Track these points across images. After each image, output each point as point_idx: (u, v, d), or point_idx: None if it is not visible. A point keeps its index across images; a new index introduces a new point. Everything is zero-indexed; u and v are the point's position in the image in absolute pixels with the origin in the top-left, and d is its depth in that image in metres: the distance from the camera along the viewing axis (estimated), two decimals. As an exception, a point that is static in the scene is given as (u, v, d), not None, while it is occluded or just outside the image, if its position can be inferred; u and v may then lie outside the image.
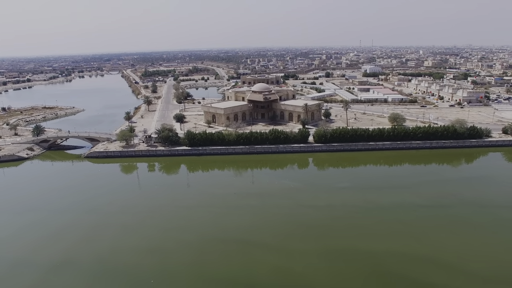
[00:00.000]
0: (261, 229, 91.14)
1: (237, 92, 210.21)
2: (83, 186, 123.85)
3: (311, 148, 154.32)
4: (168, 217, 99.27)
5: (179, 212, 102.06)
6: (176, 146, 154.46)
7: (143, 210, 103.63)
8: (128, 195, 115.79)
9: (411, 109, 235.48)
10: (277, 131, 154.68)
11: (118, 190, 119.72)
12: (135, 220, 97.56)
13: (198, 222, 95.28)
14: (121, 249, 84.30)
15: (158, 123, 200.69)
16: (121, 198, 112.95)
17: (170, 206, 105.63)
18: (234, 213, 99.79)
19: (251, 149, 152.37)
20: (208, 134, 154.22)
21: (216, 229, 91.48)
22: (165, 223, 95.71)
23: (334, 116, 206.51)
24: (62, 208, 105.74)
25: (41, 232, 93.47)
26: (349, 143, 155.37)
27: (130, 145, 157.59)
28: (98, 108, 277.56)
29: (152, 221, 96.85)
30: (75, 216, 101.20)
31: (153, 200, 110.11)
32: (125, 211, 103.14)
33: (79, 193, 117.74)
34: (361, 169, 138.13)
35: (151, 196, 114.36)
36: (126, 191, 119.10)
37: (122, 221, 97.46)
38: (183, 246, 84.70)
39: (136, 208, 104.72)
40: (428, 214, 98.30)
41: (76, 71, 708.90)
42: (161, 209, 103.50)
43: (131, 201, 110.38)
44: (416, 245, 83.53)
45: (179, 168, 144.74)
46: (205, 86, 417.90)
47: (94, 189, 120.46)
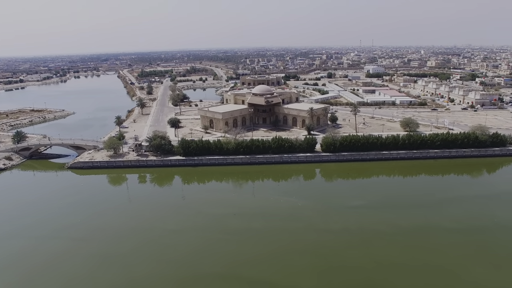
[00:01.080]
0: (267, 262, 76.52)
1: (237, 95, 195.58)
2: (58, 202, 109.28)
3: (319, 158, 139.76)
4: (155, 245, 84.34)
5: (169, 238, 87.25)
6: (169, 155, 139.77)
7: (124, 234, 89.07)
8: (110, 215, 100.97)
9: (421, 112, 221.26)
10: (281, 139, 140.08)
11: (100, 208, 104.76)
12: (112, 250, 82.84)
13: (191, 252, 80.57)
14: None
15: (151, 129, 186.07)
16: (101, 219, 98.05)
17: (158, 229, 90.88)
18: (234, 240, 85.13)
19: (252, 159, 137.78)
20: (205, 142, 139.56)
21: (212, 262, 76.85)
22: (151, 253, 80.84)
23: (341, 121, 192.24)
24: (19, 231, 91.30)
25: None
26: (360, 152, 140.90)
27: (119, 154, 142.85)
28: (89, 111, 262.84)
29: (134, 250, 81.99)
30: (35, 241, 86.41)
31: (139, 222, 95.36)
32: (102, 236, 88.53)
33: (51, 210, 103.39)
34: (375, 183, 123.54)
35: (137, 216, 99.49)
36: (109, 210, 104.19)
37: (96, 249, 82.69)
38: (171, 285, 70.15)
39: (116, 233, 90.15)
40: (459, 240, 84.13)
41: (72, 71, 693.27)
42: (147, 234, 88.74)
43: (112, 222, 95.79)
44: (448, 281, 69.28)
45: (171, 181, 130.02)
46: (203, 87, 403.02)
47: (70, 206, 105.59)
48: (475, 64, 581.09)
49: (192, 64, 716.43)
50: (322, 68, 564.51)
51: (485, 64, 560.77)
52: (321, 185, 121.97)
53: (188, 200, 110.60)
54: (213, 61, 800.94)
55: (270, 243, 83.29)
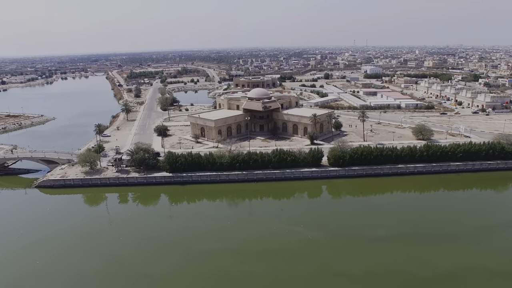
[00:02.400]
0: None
1: (231, 99, 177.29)
2: (15, 233, 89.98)
3: (326, 173, 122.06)
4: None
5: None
6: (153, 171, 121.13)
7: (87, 283, 70.44)
8: (73, 252, 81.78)
9: (430, 117, 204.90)
10: (282, 152, 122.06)
11: (60, 243, 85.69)
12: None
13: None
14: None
15: (136, 138, 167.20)
16: (58, 260, 79.04)
17: (134, 276, 72.38)
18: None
19: (249, 175, 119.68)
20: (195, 156, 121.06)
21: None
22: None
23: (347, 127, 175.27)
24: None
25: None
26: (372, 166, 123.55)
27: (96, 170, 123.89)
28: (71, 116, 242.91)
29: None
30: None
31: (109, 264, 76.57)
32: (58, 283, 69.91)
33: (5, 245, 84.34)
34: (393, 204, 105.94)
35: (108, 255, 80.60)
36: (72, 246, 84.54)
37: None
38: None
39: (76, 280, 71.41)
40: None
41: (59, 72, 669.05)
42: (118, 285, 70.28)
43: (74, 263, 76.88)
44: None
45: (155, 203, 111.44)
46: (194, 89, 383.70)
47: (23, 242, 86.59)
48: (473, 65, 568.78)
49: (184, 65, 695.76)
50: (317, 69, 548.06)
51: (484, 64, 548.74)
52: (332, 208, 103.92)
53: (173, 231, 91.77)
54: (205, 62, 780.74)
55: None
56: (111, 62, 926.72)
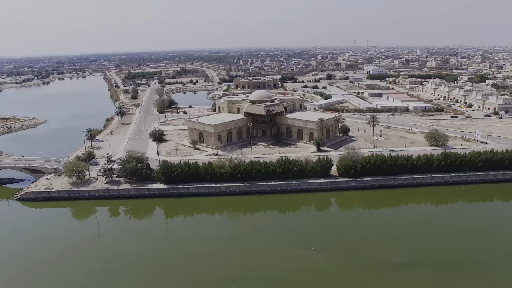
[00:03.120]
0: None
1: (231, 102, 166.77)
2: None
3: (335, 184, 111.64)
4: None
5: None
6: (147, 182, 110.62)
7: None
8: (48, 280, 71.69)
9: (441, 120, 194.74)
10: (288, 162, 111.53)
11: (36, 267, 75.55)
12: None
13: None
14: None
15: (130, 143, 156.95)
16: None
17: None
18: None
19: (252, 187, 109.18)
20: (192, 166, 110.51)
21: None
22: None
23: (357, 131, 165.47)
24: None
25: None
26: (386, 177, 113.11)
27: (84, 181, 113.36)
28: (64, 119, 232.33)
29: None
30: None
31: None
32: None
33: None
34: (412, 221, 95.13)
35: (91, 284, 70.38)
36: (48, 272, 74.66)
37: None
38: None
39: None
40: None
41: (56, 72, 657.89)
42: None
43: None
44: None
45: (148, 220, 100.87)
46: (193, 90, 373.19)
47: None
48: (476, 65, 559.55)
49: (183, 65, 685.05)
50: (319, 69, 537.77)
51: (488, 64, 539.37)
52: (344, 226, 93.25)
53: (168, 254, 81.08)
54: (204, 62, 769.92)
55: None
56: (109, 62, 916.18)
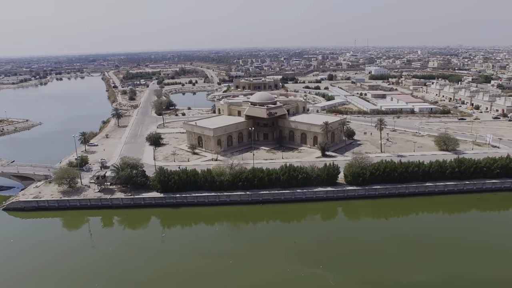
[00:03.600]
0: None
1: (232, 105, 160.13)
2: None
3: (343, 193, 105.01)
4: None
5: None
6: (142, 191, 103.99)
7: None
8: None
9: (448, 123, 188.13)
10: (292, 169, 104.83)
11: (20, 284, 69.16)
12: None
13: None
14: None
15: (126, 147, 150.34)
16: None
17: None
18: None
19: (254, 196, 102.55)
20: (190, 173, 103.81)
21: None
22: None
23: (363, 134, 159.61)
24: None
25: None
26: (396, 185, 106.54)
27: (76, 189, 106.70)
28: (60, 121, 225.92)
29: None
30: None
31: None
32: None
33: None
34: (427, 233, 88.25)
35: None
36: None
37: None
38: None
39: None
40: None
41: (54, 72, 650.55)
42: None
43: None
44: None
45: (142, 232, 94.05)
46: (192, 90, 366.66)
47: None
48: (479, 65, 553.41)
49: (182, 65, 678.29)
50: (320, 70, 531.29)
51: (491, 65, 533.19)
52: (354, 239, 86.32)
53: (164, 271, 74.44)
54: (204, 62, 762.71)
55: None
56: (108, 62, 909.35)
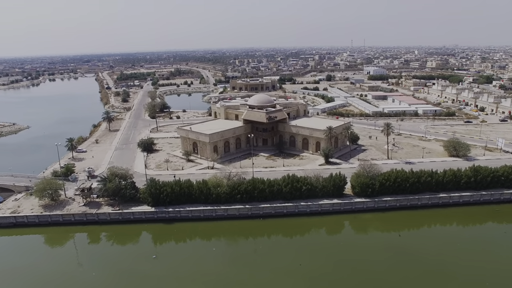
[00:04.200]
0: None
1: (229, 108, 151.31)
2: None
3: (350, 205, 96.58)
4: None
5: None
6: (132, 205, 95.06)
7: None
8: None
9: (455, 126, 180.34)
10: (295, 180, 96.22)
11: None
12: None
13: None
14: None
15: (116, 154, 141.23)
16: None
17: None
18: None
19: (254, 209, 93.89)
20: (184, 185, 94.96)
21: None
22: None
23: (368, 139, 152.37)
24: None
25: None
26: (408, 196, 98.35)
27: (59, 203, 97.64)
28: (49, 124, 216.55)
29: None
30: None
31: None
32: None
33: None
34: (442, 249, 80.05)
35: None
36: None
37: None
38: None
39: None
40: None
41: (47, 73, 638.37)
42: None
43: None
44: None
45: (132, 249, 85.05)
46: (188, 92, 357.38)
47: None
48: (477, 65, 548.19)
49: (178, 66, 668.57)
50: (318, 70, 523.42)
51: (489, 65, 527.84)
52: (365, 260, 77.61)
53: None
54: (200, 62, 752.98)
55: None
56: (103, 62, 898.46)
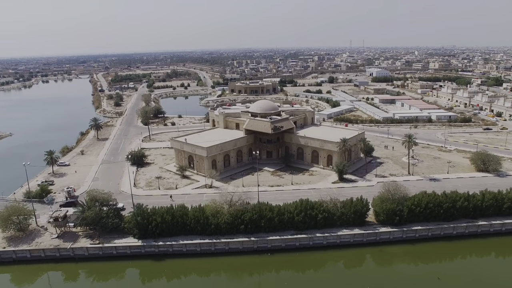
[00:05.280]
0: None
1: (228, 116, 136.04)
2: None
3: (374, 236, 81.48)
4: None
5: None
6: (114, 237, 79.66)
7: None
8: None
9: (473, 134, 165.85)
10: (310, 206, 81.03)
11: None
12: None
13: None
14: None
15: (103, 169, 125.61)
16: None
17: None
18: None
19: (260, 242, 78.64)
20: (176, 212, 79.59)
21: None
22: None
23: (384, 148, 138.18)
24: None
25: None
26: (441, 224, 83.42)
27: (28, 234, 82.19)
28: (34, 131, 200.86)
29: None
30: None
31: None
32: None
33: None
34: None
35: None
36: None
37: None
38: None
39: None
40: None
41: (40, 75, 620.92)
42: None
43: None
44: None
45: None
46: (184, 94, 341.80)
47: None
48: (482, 67, 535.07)
49: (175, 67, 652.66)
50: (318, 71, 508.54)
51: (494, 66, 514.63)
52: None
53: None
54: (197, 63, 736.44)
55: None
56: (99, 63, 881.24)
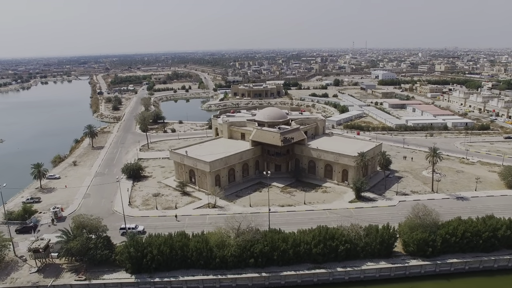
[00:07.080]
0: None
1: (233, 125, 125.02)
2: None
3: (404, 270, 70.42)
4: None
5: None
6: (104, 270, 68.87)
7: None
8: None
9: (494, 143, 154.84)
10: (329, 236, 70.15)
11: None
12: None
13: None
14: None
15: (96, 183, 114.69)
16: None
17: None
18: None
19: (273, 278, 67.81)
20: (175, 244, 68.65)
21: None
22: None
23: (401, 160, 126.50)
24: None
25: None
26: (480, 256, 72.43)
27: (4, 266, 71.45)
28: (26, 138, 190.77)
29: None
30: None
31: None
32: None
33: None
34: None
35: None
36: None
37: None
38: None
39: None
40: None
41: (39, 76, 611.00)
42: None
43: None
44: None
45: None
46: (186, 97, 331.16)
47: None
48: (489, 69, 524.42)
49: (176, 68, 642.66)
50: (323, 73, 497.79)
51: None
52: None
53: None
54: (199, 65, 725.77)
55: None
56: (99, 64, 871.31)
